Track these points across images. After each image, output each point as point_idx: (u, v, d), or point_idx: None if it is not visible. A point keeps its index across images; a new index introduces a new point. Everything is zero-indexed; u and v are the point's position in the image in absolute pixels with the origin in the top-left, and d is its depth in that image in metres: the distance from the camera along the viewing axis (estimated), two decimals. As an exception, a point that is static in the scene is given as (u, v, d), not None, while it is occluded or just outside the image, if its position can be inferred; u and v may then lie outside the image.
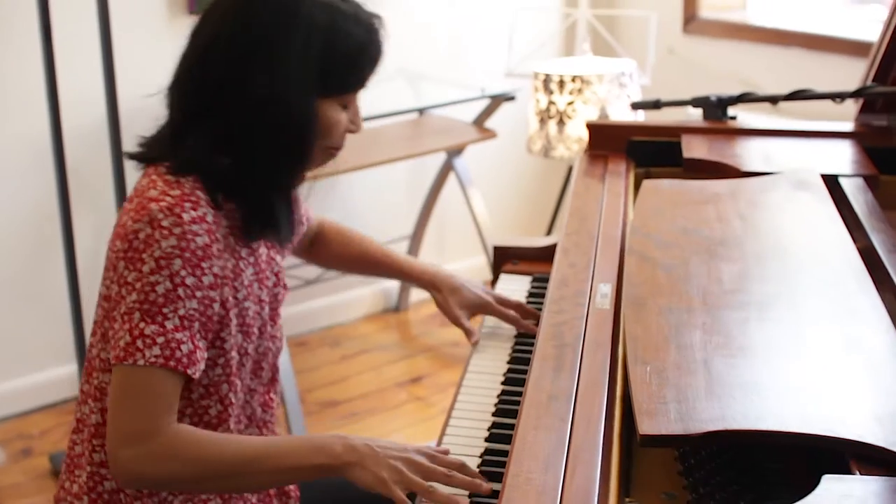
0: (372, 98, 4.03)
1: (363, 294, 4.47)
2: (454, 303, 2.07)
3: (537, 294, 2.20)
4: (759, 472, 1.38)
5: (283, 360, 3.50)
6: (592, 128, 2.44)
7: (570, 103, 3.67)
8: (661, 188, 2.04)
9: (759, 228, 1.87)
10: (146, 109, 1.73)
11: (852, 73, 3.91)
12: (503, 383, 1.87)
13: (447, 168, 4.20)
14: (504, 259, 2.38)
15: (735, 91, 2.49)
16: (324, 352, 4.19)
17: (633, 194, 2.21)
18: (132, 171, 1.74)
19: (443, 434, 1.74)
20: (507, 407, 1.78)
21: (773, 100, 2.36)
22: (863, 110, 2.38)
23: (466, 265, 4.69)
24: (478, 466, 1.60)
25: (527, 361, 1.92)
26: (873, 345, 1.46)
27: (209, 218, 1.60)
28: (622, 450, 1.38)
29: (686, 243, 1.79)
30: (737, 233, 1.84)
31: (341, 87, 1.68)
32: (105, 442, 1.62)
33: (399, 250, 4.38)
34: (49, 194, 3.39)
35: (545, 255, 2.35)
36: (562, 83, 3.68)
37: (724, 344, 1.46)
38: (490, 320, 2.12)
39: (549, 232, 4.26)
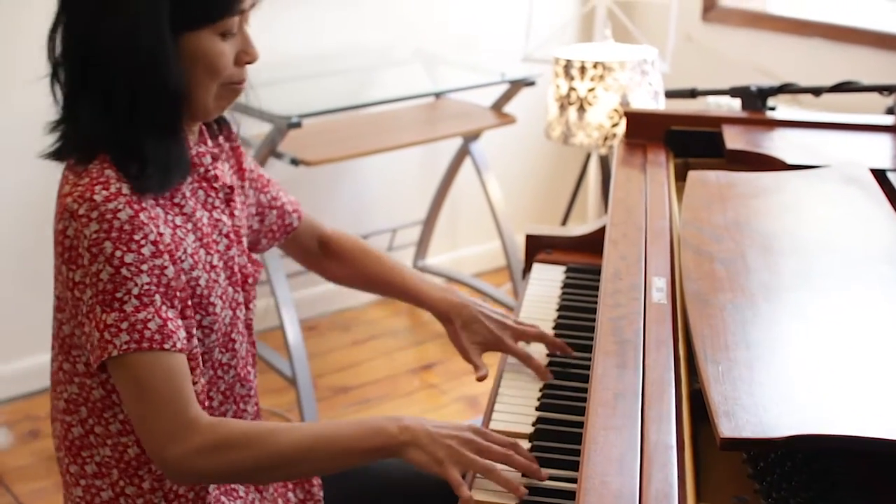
0: (387, 81, 4.03)
1: (373, 278, 4.41)
2: (466, 338, 1.91)
3: (573, 285, 2.16)
4: (831, 477, 1.34)
5: (296, 344, 3.45)
6: (630, 116, 2.40)
7: (592, 90, 3.62)
8: (708, 180, 1.99)
9: (813, 223, 1.83)
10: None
11: (875, 65, 3.88)
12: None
13: (463, 152, 4.15)
14: (537, 248, 2.34)
15: (753, 81, 2.44)
16: (334, 336, 4.14)
17: (676, 186, 2.16)
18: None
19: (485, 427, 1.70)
20: (552, 401, 1.73)
21: (817, 91, 2.31)
22: (907, 104, 2.34)
23: (479, 251, 4.66)
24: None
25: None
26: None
27: (125, 190, 1.52)
28: (694, 451, 1.33)
29: (740, 237, 1.75)
30: (790, 227, 1.80)
31: (207, 17, 1.55)
32: (110, 452, 1.63)
33: (411, 236, 4.39)
34: (54, 173, 3.32)
35: (579, 244, 2.31)
36: (583, 69, 3.62)
37: (793, 342, 1.42)
38: (531, 301, 2.09)
39: (565, 219, 4.21)
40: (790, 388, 1.30)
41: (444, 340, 4.10)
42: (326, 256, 2.04)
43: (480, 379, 1.83)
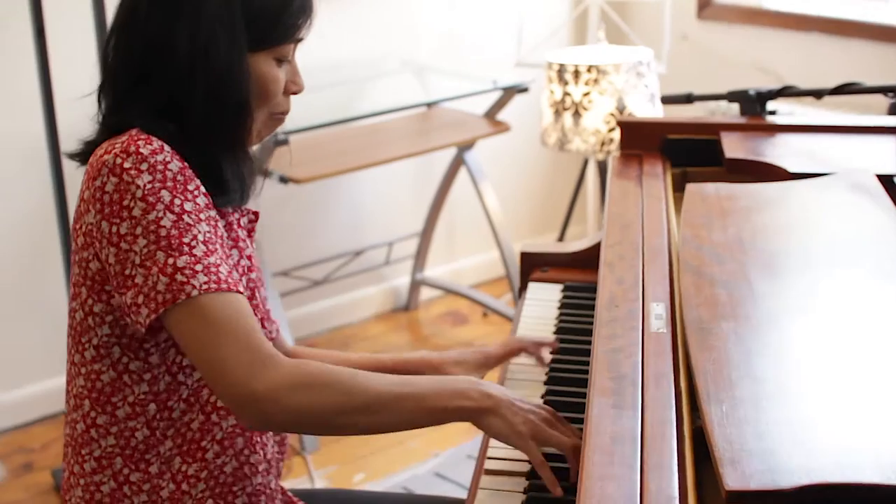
0: (376, 93, 3.95)
1: (372, 293, 4.33)
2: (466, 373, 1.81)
3: (570, 305, 2.07)
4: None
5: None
6: (624, 125, 2.30)
7: (587, 94, 3.53)
8: (708, 193, 1.89)
9: (820, 238, 1.73)
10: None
11: (875, 59, 3.78)
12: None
13: (458, 162, 4.06)
14: (532, 266, 2.25)
15: (752, 79, 2.35)
16: (333, 355, 4.05)
17: (674, 198, 2.07)
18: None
19: (483, 456, 1.60)
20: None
21: (818, 94, 2.22)
22: (912, 103, 2.24)
23: (477, 261, 4.57)
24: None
25: (564, 381, 1.79)
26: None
27: (167, 148, 1.48)
28: (698, 496, 1.24)
29: (742, 256, 1.65)
30: (796, 243, 1.70)
31: (270, 39, 1.55)
32: (114, 440, 1.56)
33: (408, 249, 4.30)
34: (45, 198, 3.25)
35: (576, 261, 2.22)
36: (577, 73, 3.53)
37: (804, 375, 1.32)
38: (527, 323, 2.02)
39: (564, 228, 4.12)
40: (802, 429, 1.20)
41: (444, 355, 4.01)
42: None
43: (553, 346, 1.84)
